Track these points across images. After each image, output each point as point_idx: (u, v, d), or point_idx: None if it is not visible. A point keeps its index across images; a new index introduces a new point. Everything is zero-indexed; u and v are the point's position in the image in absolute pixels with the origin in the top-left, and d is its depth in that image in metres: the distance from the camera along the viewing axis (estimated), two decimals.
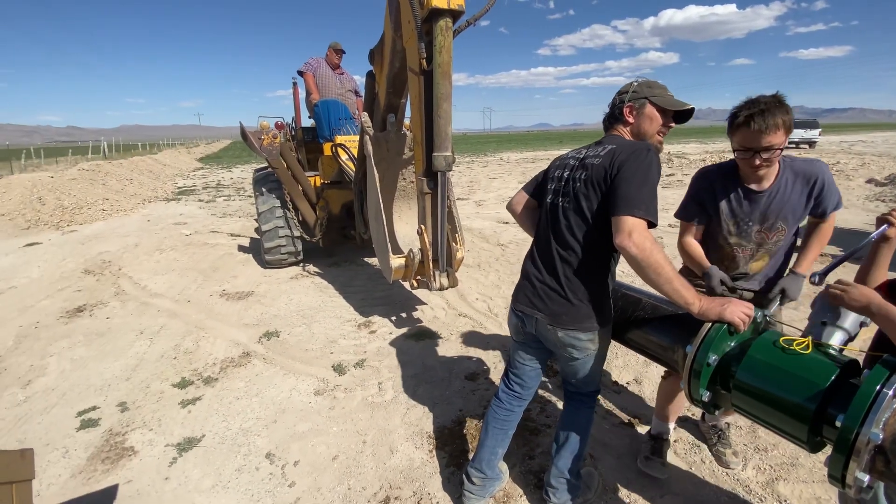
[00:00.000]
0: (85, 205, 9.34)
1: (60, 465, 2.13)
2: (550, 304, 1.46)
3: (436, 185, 2.61)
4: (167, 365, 3.03)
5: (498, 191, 11.08)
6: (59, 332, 3.57)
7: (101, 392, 2.73)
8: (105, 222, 8.53)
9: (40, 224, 8.09)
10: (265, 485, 1.97)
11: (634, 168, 1.28)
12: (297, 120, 6.06)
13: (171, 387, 2.76)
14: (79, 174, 11.78)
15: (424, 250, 2.84)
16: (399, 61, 2.91)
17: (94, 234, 7.44)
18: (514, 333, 1.67)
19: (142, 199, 11.44)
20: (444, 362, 2.95)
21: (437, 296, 4.06)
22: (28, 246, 6.66)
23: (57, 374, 2.95)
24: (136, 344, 3.34)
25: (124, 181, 13.22)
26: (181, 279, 4.84)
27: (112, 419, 2.46)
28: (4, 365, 3.09)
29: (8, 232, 7.60)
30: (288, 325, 3.60)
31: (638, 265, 1.23)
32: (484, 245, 5.86)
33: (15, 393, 2.75)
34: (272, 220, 4.75)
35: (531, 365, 1.69)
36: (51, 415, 2.52)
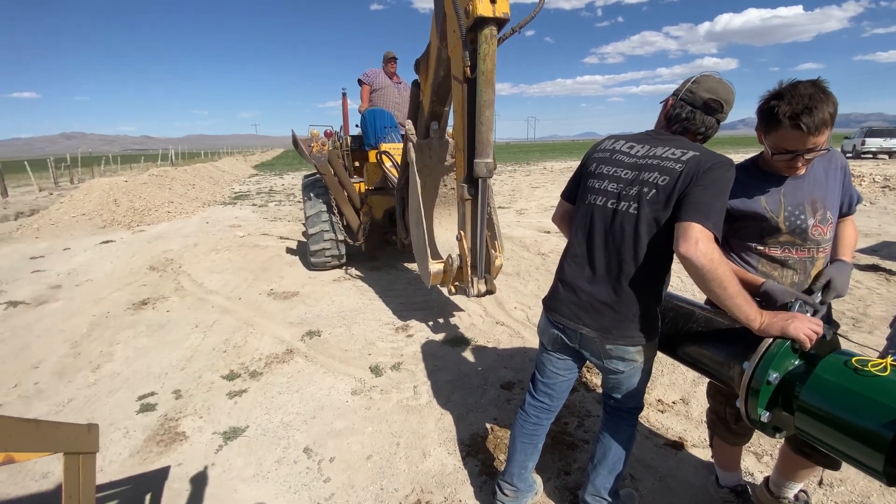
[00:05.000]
0: (153, 207, 10.13)
1: (121, 444, 2.30)
2: (601, 318, 1.38)
3: (476, 192, 2.62)
4: (218, 357, 3.21)
5: (540, 200, 10.92)
6: (126, 323, 3.87)
7: (159, 379, 2.93)
8: (169, 223, 9.21)
9: (114, 224, 8.85)
10: (302, 478, 2.03)
11: (716, 178, 1.21)
12: (345, 128, 6.29)
13: (220, 378, 2.92)
14: (149, 179, 12.80)
15: (463, 256, 2.86)
16: (444, 70, 2.97)
17: (159, 233, 8.05)
18: (549, 343, 1.60)
19: (202, 202, 12.25)
20: (479, 370, 2.93)
21: (474, 303, 4.05)
22: (103, 243, 7.31)
23: (122, 361, 3.20)
24: (191, 336, 3.57)
25: (188, 186, 14.22)
26: (234, 278, 5.13)
27: (167, 405, 2.64)
28: (78, 349, 3.39)
29: (88, 230, 8.39)
30: (329, 325, 3.71)
31: (702, 277, 1.15)
32: (524, 254, 5.79)
33: (86, 375, 3.01)
34: (318, 224, 4.95)
35: (564, 376, 1.63)
36: (115, 397, 2.73)
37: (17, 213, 10.87)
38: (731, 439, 1.67)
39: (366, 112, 5.22)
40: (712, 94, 1.34)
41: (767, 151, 1.36)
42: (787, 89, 1.24)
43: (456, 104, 2.65)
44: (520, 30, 2.32)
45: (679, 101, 1.38)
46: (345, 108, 6.47)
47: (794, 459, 1.55)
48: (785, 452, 1.62)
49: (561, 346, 1.55)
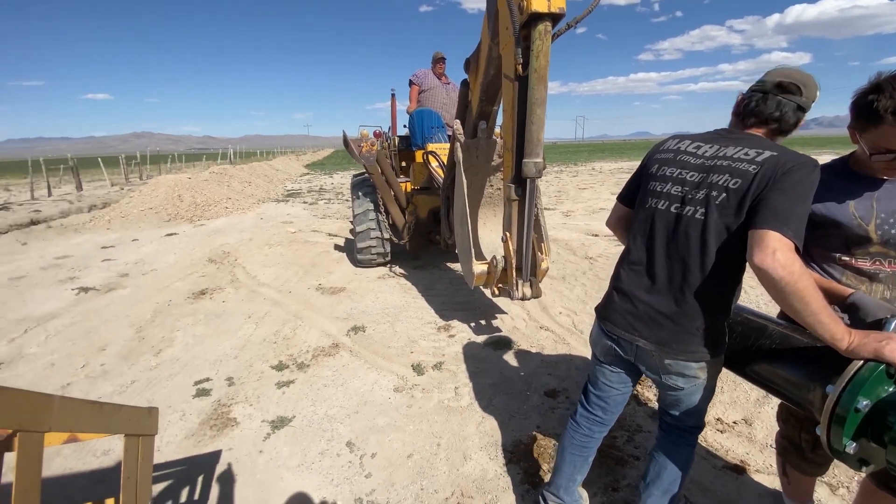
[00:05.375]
0: (213, 203, 10.77)
1: (178, 426, 2.44)
2: (659, 330, 1.29)
3: (524, 192, 2.57)
4: (268, 348, 3.33)
5: (588, 202, 10.59)
6: (186, 311, 4.12)
7: (214, 366, 3.08)
8: (227, 218, 9.74)
9: (178, 217, 9.49)
10: (344, 472, 2.06)
11: (797, 181, 1.08)
12: (393, 129, 6.38)
13: (269, 368, 3.03)
14: (210, 176, 13.62)
15: (508, 258, 2.80)
16: (494, 68, 2.95)
17: (217, 228, 8.54)
18: (602, 354, 1.52)
19: (257, 199, 12.88)
20: (522, 375, 2.86)
21: (518, 306, 3.98)
22: (168, 235, 7.85)
23: (181, 347, 3.40)
24: (244, 326, 3.74)
25: (244, 183, 15.01)
26: (285, 272, 5.33)
27: (221, 391, 2.77)
28: (142, 334, 3.64)
29: (154, 223, 9.05)
30: (373, 321, 3.77)
31: (780, 290, 1.03)
32: (570, 257, 5.62)
33: (148, 359, 3.22)
34: (365, 223, 5.05)
35: (618, 388, 1.54)
36: (174, 381, 2.90)
37: (91, 206, 11.90)
38: (806, 468, 1.51)
39: (414, 112, 5.27)
40: (785, 77, 1.22)
41: (863, 151, 1.22)
42: (887, 81, 1.10)
43: (506, 103, 2.63)
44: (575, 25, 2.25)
45: (749, 91, 1.27)
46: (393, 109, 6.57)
47: (879, 496, 1.38)
48: (868, 487, 1.45)
49: (615, 357, 1.47)
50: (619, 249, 5.72)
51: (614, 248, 5.87)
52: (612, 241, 6.24)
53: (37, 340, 3.55)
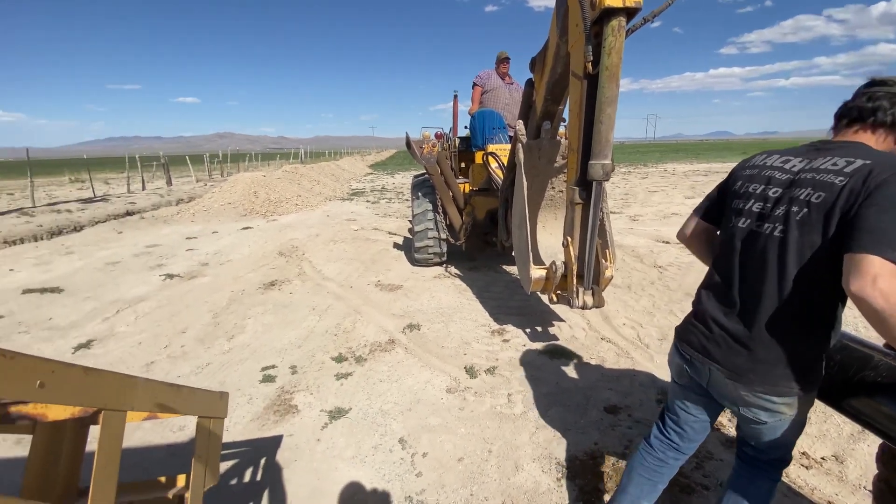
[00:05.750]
0: (284, 199, 11.47)
1: (244, 409, 2.60)
2: (734, 357, 1.17)
3: (589, 196, 2.48)
4: (329, 340, 3.47)
5: (658, 206, 9.98)
6: (257, 300, 4.41)
7: (280, 354, 3.26)
8: (296, 214, 10.33)
9: (253, 213, 10.21)
10: (395, 468, 2.08)
11: (894, 195, 0.94)
12: (454, 130, 6.41)
13: (330, 359, 3.15)
14: (282, 175, 14.51)
15: (569, 264, 2.69)
16: (561, 67, 2.88)
17: (288, 223, 9.07)
18: (677, 375, 1.40)
19: (324, 197, 13.54)
20: (580, 387, 2.74)
21: (577, 314, 3.82)
22: (244, 229, 8.46)
23: (252, 334, 3.63)
24: (308, 318, 3.92)
25: (313, 182, 15.83)
26: (347, 267, 5.55)
27: (284, 379, 2.92)
28: (218, 320, 3.94)
29: (232, 217, 9.80)
30: (428, 320, 3.80)
31: (882, 322, 0.89)
32: (637, 265, 5.32)
33: (222, 343, 3.47)
34: (423, 223, 5.13)
35: (696, 415, 1.41)
36: (244, 366, 3.10)
37: (178, 200, 13.13)
38: None
39: (475, 113, 5.25)
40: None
41: None
42: None
43: (573, 102, 2.55)
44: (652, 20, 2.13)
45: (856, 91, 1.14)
46: (455, 111, 6.59)
47: None
48: None
49: (689, 380, 1.35)
50: (692, 259, 5.33)
51: (687, 256, 5.48)
52: (685, 249, 5.82)
53: (127, 321, 3.96)
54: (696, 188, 12.96)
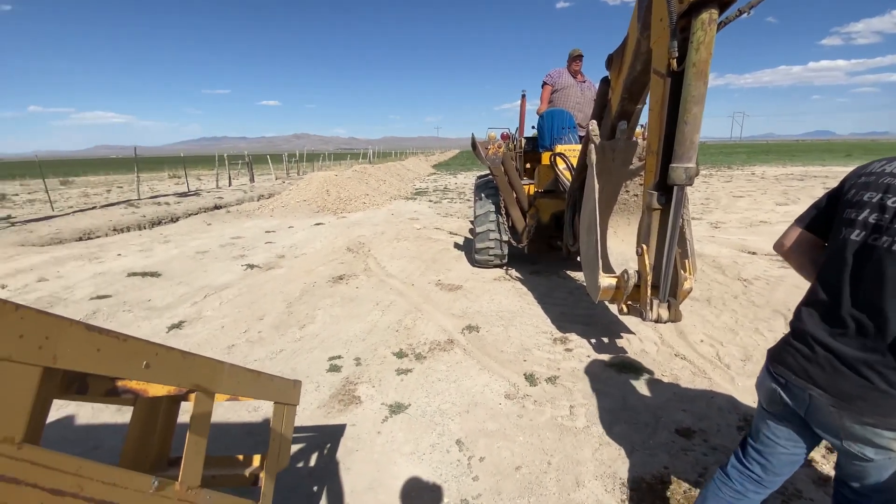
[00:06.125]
0: (353, 198, 11.98)
1: (312, 395, 2.74)
2: (840, 382, 1.04)
3: (668, 201, 2.33)
4: (391, 335, 3.56)
5: (744, 212, 9.13)
6: (326, 293, 4.63)
7: (345, 345, 3.40)
8: (364, 212, 10.74)
9: (325, 210, 10.77)
10: (452, 469, 2.08)
11: None
12: (521, 130, 6.31)
13: (391, 354, 3.23)
14: (352, 174, 15.17)
15: (643, 273, 2.53)
16: (641, 64, 2.74)
17: (356, 220, 9.46)
18: (768, 402, 1.26)
19: (390, 196, 13.96)
20: (649, 405, 2.57)
21: (648, 327, 3.59)
22: (316, 225, 8.95)
23: (321, 324, 3.83)
24: (372, 312, 4.06)
25: (380, 181, 16.39)
26: (409, 265, 5.67)
27: (349, 369, 3.04)
28: (291, 310, 4.19)
29: (306, 213, 10.41)
30: (487, 322, 3.77)
31: None
32: (718, 277, 4.90)
33: (294, 332, 3.69)
34: (485, 224, 5.09)
35: (785, 447, 1.26)
36: (312, 354, 3.27)
37: (259, 196, 14.18)
38: None
39: (544, 113, 5.12)
40: None
41: None
42: None
43: (654, 101, 2.42)
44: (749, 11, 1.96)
45: None
46: (522, 110, 6.48)
47: None
48: None
49: (781, 407, 1.21)
50: (783, 272, 4.81)
51: (777, 269, 4.96)
52: (775, 260, 5.27)
53: (212, 305, 4.34)
54: (788, 194, 11.69)
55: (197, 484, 0.93)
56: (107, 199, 13.59)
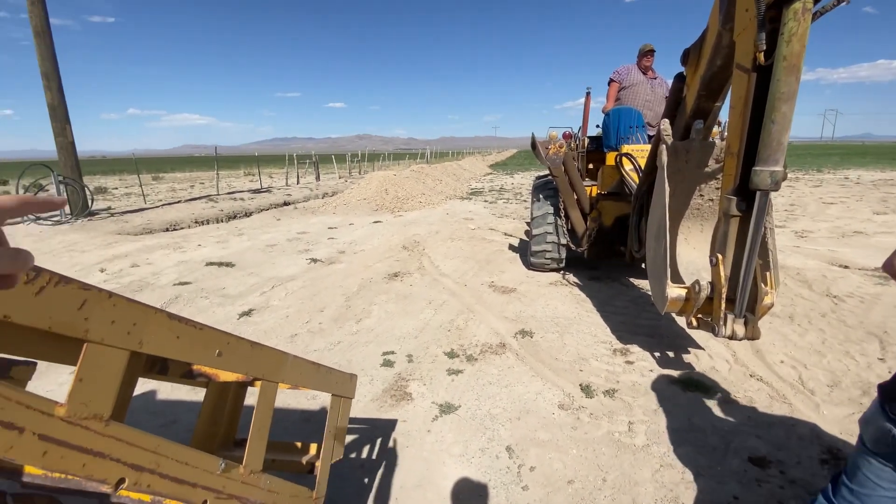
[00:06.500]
0: (410, 197, 12.21)
1: (366, 388, 2.81)
2: None
3: (749, 207, 2.15)
4: (443, 334, 3.58)
5: (835, 221, 8.20)
6: (382, 289, 4.75)
7: (399, 342, 3.46)
8: (419, 212, 10.91)
9: (383, 208, 11.07)
10: (501, 476, 2.04)
11: None
12: (584, 129, 6.09)
13: (443, 354, 3.24)
14: (410, 174, 15.47)
15: (717, 285, 2.34)
16: (722, 58, 2.56)
17: (412, 219, 9.63)
18: (875, 441, 1.09)
19: (445, 196, 14.07)
20: (719, 428, 2.37)
21: (720, 343, 3.32)
22: (374, 223, 9.22)
23: (376, 319, 3.93)
24: (425, 311, 4.10)
25: (436, 181, 16.57)
26: (463, 265, 5.67)
27: (401, 366, 3.09)
28: (349, 304, 4.34)
29: (365, 211, 10.75)
30: (542, 328, 3.67)
31: None
32: (803, 292, 4.43)
33: (351, 325, 3.81)
34: (543, 226, 4.96)
35: (888, 492, 1.09)
36: (367, 348, 3.36)
37: (324, 194, 14.85)
38: None
39: (610, 111, 4.91)
40: None
41: None
42: None
43: (736, 98, 2.25)
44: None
45: None
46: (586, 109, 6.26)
47: None
48: None
49: (892, 449, 1.05)
50: (881, 289, 4.26)
51: (873, 286, 4.39)
52: (871, 276, 4.67)
53: (279, 296, 4.59)
54: (888, 202, 10.32)
55: (259, 468, 0.98)
56: (190, 193, 14.92)
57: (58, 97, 9.09)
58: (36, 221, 8.64)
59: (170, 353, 0.74)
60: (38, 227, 8.24)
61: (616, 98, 5.18)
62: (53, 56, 8.92)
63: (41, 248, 6.64)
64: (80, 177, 9.57)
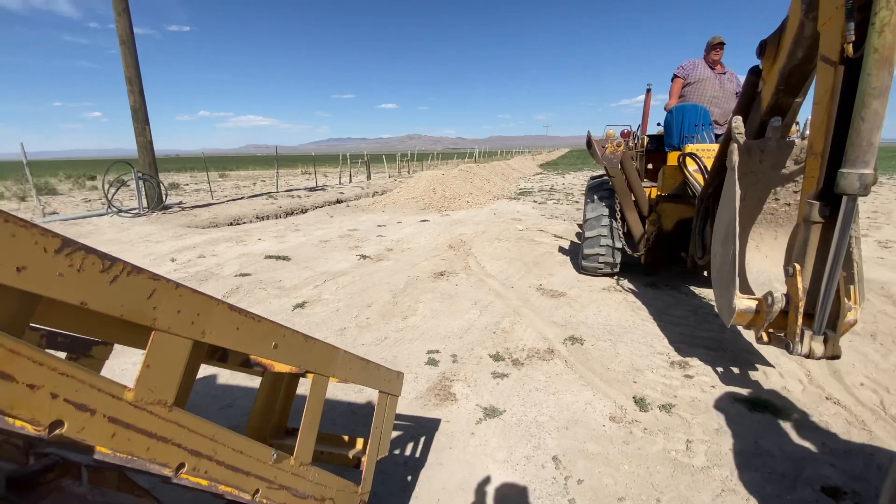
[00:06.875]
0: (457, 196, 12.23)
1: (410, 385, 2.82)
2: None
3: (833, 214, 1.96)
4: (488, 336, 3.53)
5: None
6: (428, 287, 4.78)
7: (443, 341, 3.46)
8: (466, 211, 10.90)
9: (430, 207, 11.16)
10: (547, 487, 1.97)
11: None
12: (644, 127, 5.81)
13: (487, 356, 3.20)
14: (458, 173, 15.49)
15: (793, 298, 2.13)
16: (804, 50, 2.37)
17: (458, 219, 9.63)
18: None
19: (493, 196, 13.96)
20: (788, 454, 2.16)
21: (793, 361, 3.04)
22: (422, 221, 9.31)
23: (421, 317, 3.95)
24: (470, 311, 4.07)
25: (484, 181, 16.49)
26: (509, 267, 5.58)
27: (446, 365, 3.08)
28: (396, 300, 4.39)
29: (413, 210, 10.89)
30: (593, 335, 3.53)
31: None
32: (887, 308, 3.96)
33: (398, 322, 3.86)
34: (596, 228, 4.77)
35: None
36: (413, 345, 3.39)
37: (374, 192, 15.20)
38: None
39: (673, 108, 4.64)
40: None
41: None
42: None
43: (820, 94, 2.07)
44: None
45: None
46: (646, 105, 5.96)
47: None
48: None
49: None
50: None
51: None
52: None
53: (330, 290, 4.74)
54: None
55: (308, 461, 0.99)
56: (252, 190, 15.81)
57: (139, 100, 9.95)
58: (118, 214, 9.50)
59: (229, 343, 0.76)
60: (119, 219, 9.06)
61: (680, 95, 4.89)
62: (136, 62, 9.76)
63: (122, 238, 7.28)
64: (156, 173, 10.41)
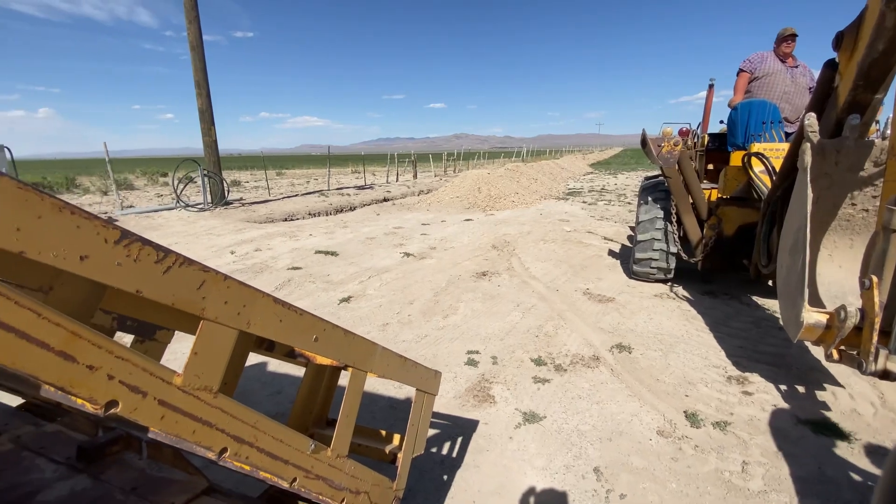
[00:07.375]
0: (503, 196, 12.10)
1: (449, 385, 2.83)
2: None
3: None
4: (530, 339, 3.47)
5: None
6: (469, 287, 4.77)
7: (484, 342, 3.43)
8: (511, 211, 10.76)
9: (475, 206, 11.12)
10: (587, 499, 1.90)
11: None
12: (704, 125, 5.47)
13: (529, 360, 3.14)
14: (504, 173, 15.33)
15: (869, 313, 1.93)
16: (885, 42, 2.15)
17: (503, 219, 9.54)
18: None
19: (540, 195, 13.70)
20: (856, 483, 1.95)
21: (866, 381, 2.75)
22: (465, 220, 9.31)
23: (462, 317, 3.95)
24: (512, 313, 4.02)
25: (531, 180, 16.21)
26: (555, 269, 5.45)
27: (485, 366, 3.05)
28: (437, 299, 4.42)
29: (458, 209, 10.90)
30: (642, 344, 3.37)
31: None
32: None
33: (438, 320, 3.88)
34: (650, 232, 4.55)
35: None
36: (452, 345, 3.39)
37: (420, 191, 15.37)
38: None
39: (739, 105, 4.32)
40: None
41: None
42: None
43: None
44: None
45: None
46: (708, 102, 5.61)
47: None
48: None
49: None
50: None
51: None
52: None
53: (374, 286, 4.84)
54: None
55: (345, 453, 1.01)
56: (306, 188, 16.50)
57: (206, 102, 10.65)
58: (186, 208, 10.24)
59: (273, 334, 0.79)
60: (186, 213, 9.76)
61: (746, 90, 4.56)
62: (204, 67, 10.46)
63: (188, 230, 7.84)
64: (219, 171, 11.12)
